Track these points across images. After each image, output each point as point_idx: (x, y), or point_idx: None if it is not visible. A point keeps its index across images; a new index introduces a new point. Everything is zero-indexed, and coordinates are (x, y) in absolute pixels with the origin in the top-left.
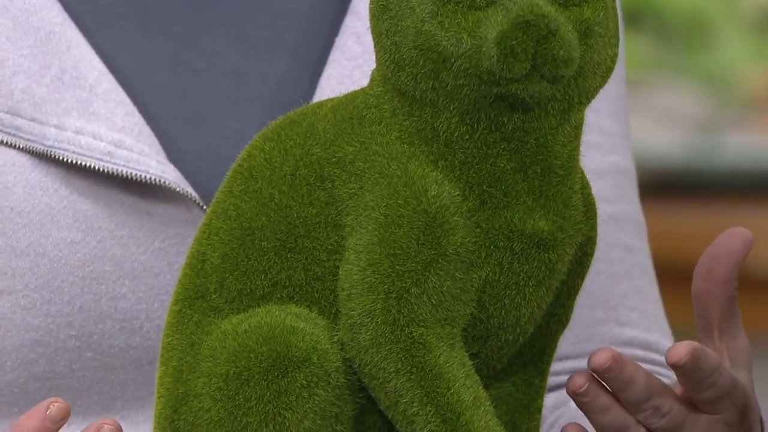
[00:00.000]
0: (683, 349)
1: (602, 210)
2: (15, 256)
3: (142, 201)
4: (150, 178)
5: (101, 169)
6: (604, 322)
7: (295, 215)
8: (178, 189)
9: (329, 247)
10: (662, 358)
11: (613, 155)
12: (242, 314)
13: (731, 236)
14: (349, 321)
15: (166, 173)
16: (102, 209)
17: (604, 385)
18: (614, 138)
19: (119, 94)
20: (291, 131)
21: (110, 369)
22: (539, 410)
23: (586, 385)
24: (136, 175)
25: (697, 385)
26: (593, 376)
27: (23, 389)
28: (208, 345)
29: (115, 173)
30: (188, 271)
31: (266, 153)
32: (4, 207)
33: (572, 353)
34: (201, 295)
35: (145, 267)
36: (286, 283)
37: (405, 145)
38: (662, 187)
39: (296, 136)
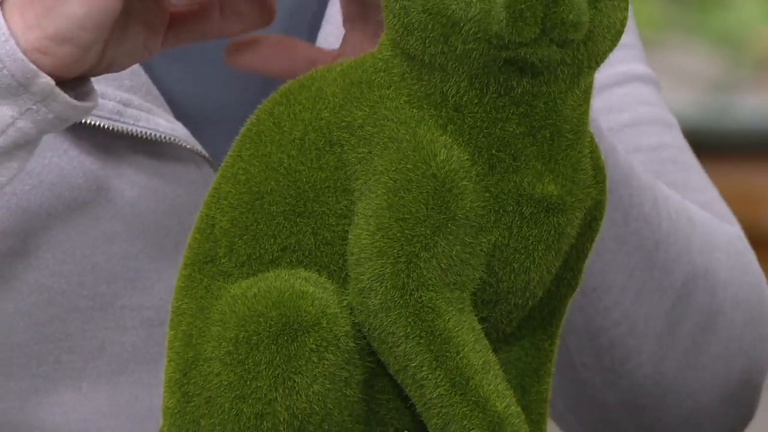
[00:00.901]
0: None
1: (617, 120)
2: (27, 217)
3: (152, 160)
4: (159, 136)
5: (110, 128)
6: None
7: (305, 180)
8: (187, 146)
9: (338, 211)
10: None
11: (621, 66)
12: (252, 279)
13: None
14: (358, 285)
15: (176, 131)
16: (112, 169)
17: None
18: (621, 50)
19: None
20: (300, 95)
21: (122, 330)
22: (549, 374)
23: None
24: (145, 133)
25: None
26: None
27: (35, 351)
28: (217, 309)
29: (125, 132)
30: (197, 235)
31: (275, 117)
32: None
33: None
34: (210, 260)
35: (156, 226)
36: (295, 247)
37: (414, 110)
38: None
39: (305, 101)
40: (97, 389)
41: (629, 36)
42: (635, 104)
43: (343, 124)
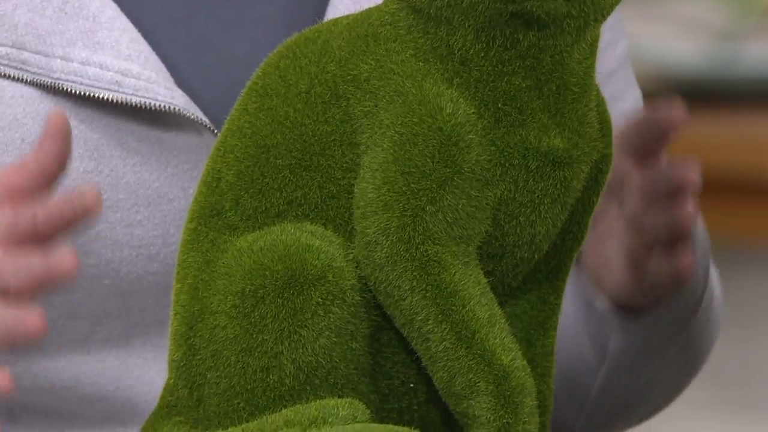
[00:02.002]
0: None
1: (617, 110)
2: None
3: (152, 128)
4: (159, 105)
5: (110, 99)
6: None
7: (310, 133)
8: (187, 114)
9: (344, 165)
10: None
11: None
12: (257, 232)
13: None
14: (364, 239)
15: (175, 99)
16: (112, 138)
17: None
18: None
19: (123, 21)
20: (306, 49)
21: (128, 296)
22: (554, 328)
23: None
24: (144, 103)
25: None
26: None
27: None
28: (223, 263)
29: (124, 102)
30: (203, 189)
31: (281, 71)
32: (15, 139)
33: None
34: (216, 213)
35: (158, 193)
36: (301, 201)
37: (420, 63)
38: (682, 96)
39: (311, 54)
40: (105, 353)
41: None
42: (627, 89)
43: (349, 77)
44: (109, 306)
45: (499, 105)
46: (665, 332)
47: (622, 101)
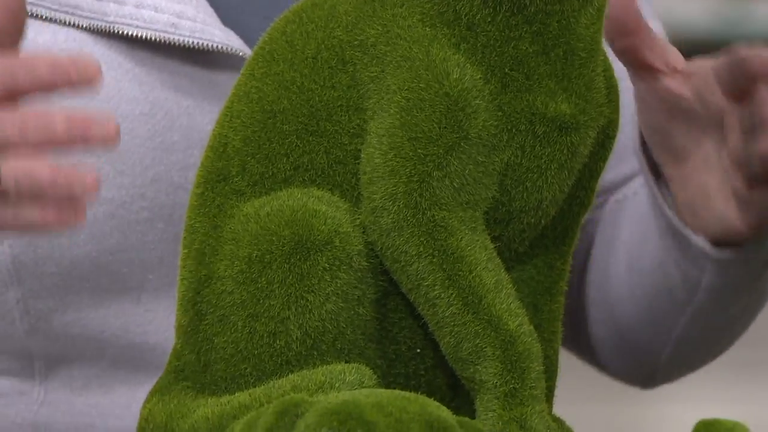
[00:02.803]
0: None
1: None
2: None
3: (206, 70)
4: (215, 46)
5: (165, 41)
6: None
7: (317, 98)
8: (242, 54)
9: (351, 130)
10: None
11: None
12: (264, 198)
13: None
14: (370, 204)
15: (231, 40)
16: (167, 81)
17: None
18: None
19: None
20: (313, 14)
21: (180, 241)
22: (561, 293)
23: None
24: (200, 44)
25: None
26: None
27: (95, 263)
28: (230, 228)
29: (181, 44)
30: (210, 154)
31: (288, 36)
32: None
33: None
34: (223, 178)
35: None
36: (308, 166)
37: (427, 28)
38: (691, 55)
39: (318, 19)
40: (156, 301)
41: None
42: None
43: (355, 42)
44: (162, 252)
45: (506, 70)
46: (759, 268)
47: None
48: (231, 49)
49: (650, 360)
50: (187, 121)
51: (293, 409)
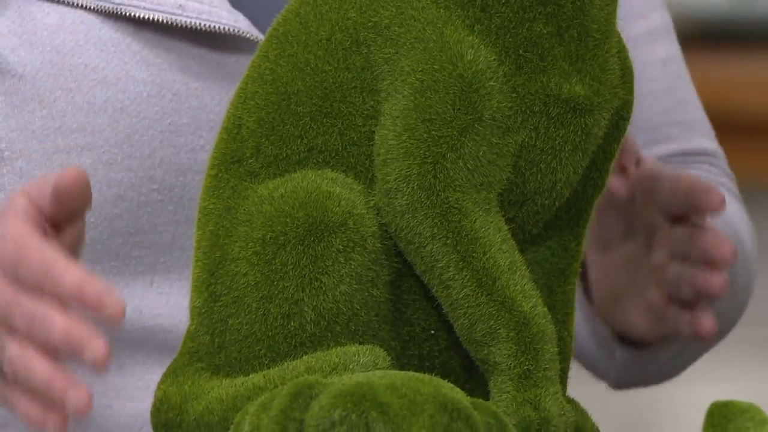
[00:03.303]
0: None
1: (639, 27)
2: (93, 112)
3: (214, 52)
4: (222, 28)
5: (173, 23)
6: (644, 145)
7: (331, 80)
8: (249, 36)
9: (365, 112)
10: (701, 158)
11: None
12: (278, 179)
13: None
14: (384, 186)
15: (238, 22)
16: (174, 62)
17: None
18: None
19: None
20: None
21: (191, 223)
22: (575, 274)
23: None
24: (208, 26)
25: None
26: None
27: (107, 246)
28: (244, 210)
29: (188, 26)
30: (224, 135)
31: (302, 17)
32: (78, 64)
33: None
34: (237, 160)
35: (220, 117)
36: (322, 148)
37: (441, 10)
38: (705, 36)
39: (332, 1)
40: (168, 283)
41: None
42: (651, 10)
43: (369, 24)
44: (173, 234)
45: (520, 52)
46: (662, 362)
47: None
48: (238, 31)
49: (603, 376)
50: (195, 102)
51: (307, 391)
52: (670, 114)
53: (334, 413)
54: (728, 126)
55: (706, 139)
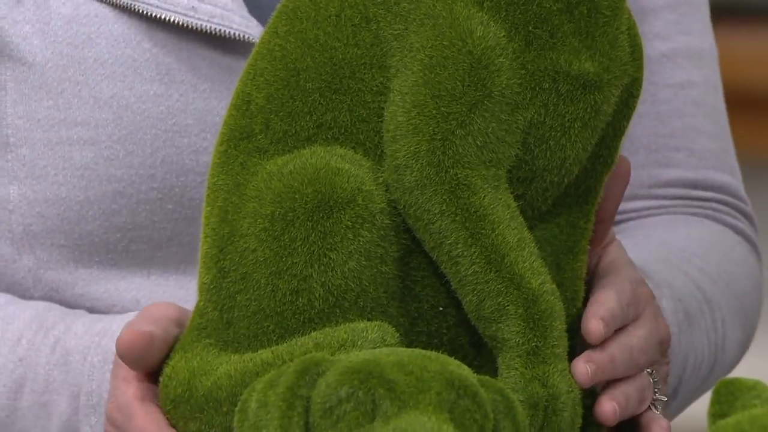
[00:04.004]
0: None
1: (655, 48)
2: (98, 107)
3: (224, 56)
4: (233, 33)
5: (184, 24)
6: (644, 165)
7: (340, 56)
8: None
9: (374, 88)
10: (705, 194)
11: None
12: (287, 155)
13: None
14: (394, 162)
15: (250, 28)
16: (184, 63)
17: None
18: None
19: None
20: None
21: (190, 221)
22: (584, 252)
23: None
24: (219, 30)
25: None
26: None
27: (104, 239)
28: (253, 186)
29: (199, 28)
30: (233, 111)
31: None
32: (88, 58)
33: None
34: (246, 136)
35: None
36: (331, 124)
37: None
38: (717, 11)
39: None
40: (165, 277)
41: None
42: (677, 33)
43: (379, 0)
44: (171, 231)
45: (530, 28)
46: None
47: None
48: (248, 37)
49: None
50: (202, 104)
51: (314, 368)
52: (675, 139)
53: (340, 390)
54: (742, 102)
55: (717, 172)
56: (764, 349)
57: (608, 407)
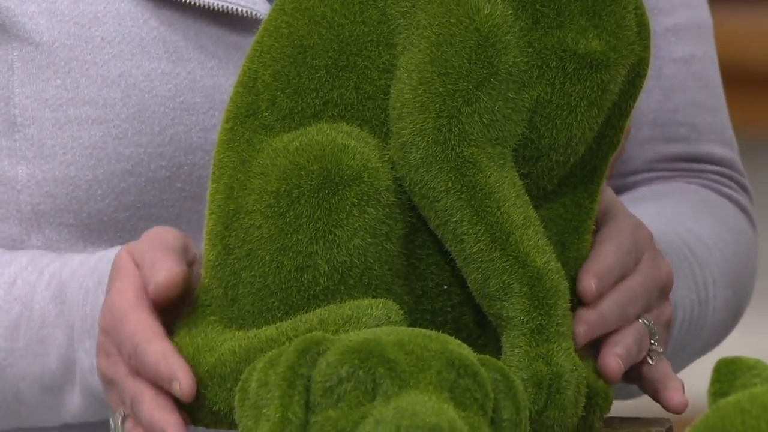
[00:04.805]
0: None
1: (660, 23)
2: (106, 86)
3: (231, 33)
4: (240, 10)
5: (191, 2)
6: (650, 140)
7: (347, 33)
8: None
9: (381, 65)
10: (705, 167)
11: None
12: (293, 132)
13: None
14: (399, 140)
15: (256, 5)
16: (191, 41)
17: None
18: None
19: None
20: None
21: (199, 200)
22: (589, 231)
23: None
24: (226, 7)
25: None
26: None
27: (113, 218)
28: (259, 162)
29: (207, 6)
30: (240, 89)
31: None
32: (95, 37)
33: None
34: (252, 113)
35: None
36: (337, 101)
37: None
38: None
39: None
40: None
41: None
42: (680, 7)
43: None
44: (179, 209)
45: (537, 6)
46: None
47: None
48: (255, 14)
49: None
50: (210, 82)
51: (315, 347)
52: (678, 114)
53: (341, 369)
54: (741, 79)
55: (718, 146)
56: (764, 327)
57: (613, 363)
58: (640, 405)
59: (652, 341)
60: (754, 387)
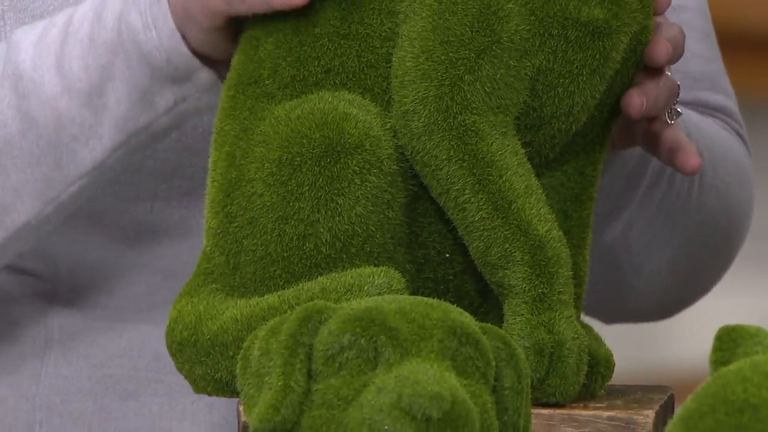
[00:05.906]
0: (696, 161)
1: None
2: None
3: None
4: None
5: None
6: None
7: (349, 1)
8: None
9: (383, 33)
10: (705, 112)
11: None
12: (295, 100)
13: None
14: (401, 108)
15: None
16: None
17: None
18: None
19: None
20: None
21: (194, 152)
22: (591, 199)
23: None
24: None
25: None
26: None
27: (110, 167)
28: (260, 130)
29: None
30: (241, 56)
31: None
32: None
33: None
34: (254, 81)
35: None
36: (339, 69)
37: None
38: None
39: None
40: (168, 210)
41: None
42: None
43: None
44: (174, 162)
45: None
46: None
47: None
48: None
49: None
50: None
51: (316, 316)
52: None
53: (343, 338)
54: (740, 41)
55: (712, 93)
56: (764, 290)
57: (637, 100)
58: (641, 373)
59: (675, 102)
60: (756, 355)
